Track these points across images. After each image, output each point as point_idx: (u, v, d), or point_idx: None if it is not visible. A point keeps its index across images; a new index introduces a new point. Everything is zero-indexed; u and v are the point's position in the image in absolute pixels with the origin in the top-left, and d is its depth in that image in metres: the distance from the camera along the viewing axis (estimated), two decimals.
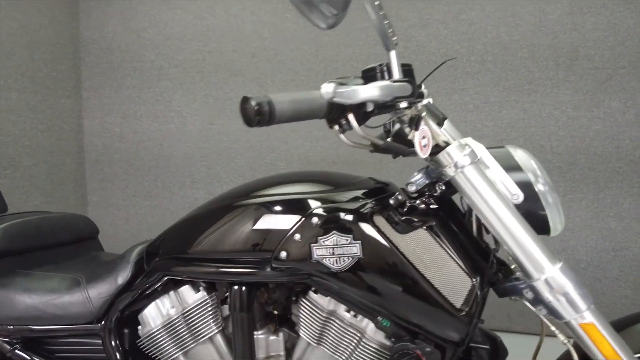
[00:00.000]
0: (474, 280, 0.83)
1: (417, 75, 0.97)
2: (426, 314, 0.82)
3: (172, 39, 2.71)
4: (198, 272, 0.94)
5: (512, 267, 0.88)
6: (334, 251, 0.84)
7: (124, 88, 2.80)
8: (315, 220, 0.87)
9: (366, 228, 0.85)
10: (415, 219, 0.87)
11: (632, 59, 2.21)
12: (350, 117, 0.79)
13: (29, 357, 1.06)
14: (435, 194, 0.88)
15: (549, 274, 0.77)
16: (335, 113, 0.81)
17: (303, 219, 0.87)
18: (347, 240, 0.84)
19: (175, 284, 0.99)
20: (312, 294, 0.91)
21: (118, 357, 1.02)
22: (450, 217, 0.90)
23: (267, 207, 0.92)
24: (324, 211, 0.88)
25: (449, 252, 0.84)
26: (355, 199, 0.92)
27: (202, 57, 2.68)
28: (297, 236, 0.86)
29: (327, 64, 2.53)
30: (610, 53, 2.22)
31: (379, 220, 0.87)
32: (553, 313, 0.78)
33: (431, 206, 0.88)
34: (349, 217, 0.87)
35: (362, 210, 0.88)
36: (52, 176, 2.64)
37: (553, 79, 2.27)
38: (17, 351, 1.07)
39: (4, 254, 1.09)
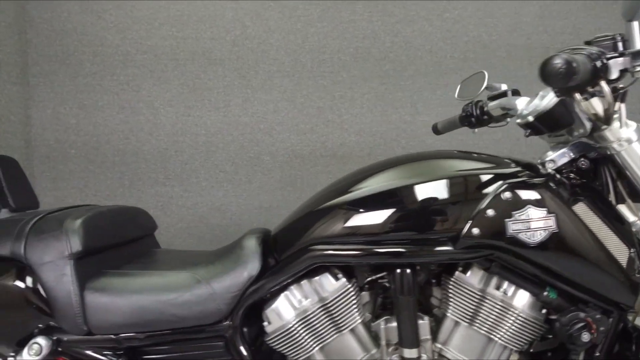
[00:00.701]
0: (631, 250, 0.88)
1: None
2: (603, 280, 0.86)
3: (140, 23, 2.49)
4: (359, 256, 0.88)
5: None
6: (530, 225, 0.84)
7: (82, 75, 2.51)
8: (507, 195, 0.86)
9: (557, 201, 0.86)
10: (579, 192, 0.90)
11: None
12: (603, 84, 0.80)
13: None
14: (582, 169, 0.91)
15: None
16: (587, 80, 0.80)
17: (495, 194, 0.86)
18: (542, 213, 0.84)
19: (307, 274, 0.92)
20: (459, 274, 0.90)
21: (246, 356, 0.92)
22: (596, 191, 0.94)
23: (452, 185, 0.89)
24: (514, 186, 0.87)
25: (606, 223, 0.88)
26: (529, 174, 0.92)
27: (175, 44, 2.49)
28: (490, 212, 0.85)
29: (314, 56, 2.49)
30: None
31: (563, 192, 0.88)
32: None
33: (580, 181, 0.91)
34: (541, 191, 0.87)
35: (549, 183, 0.89)
36: None
37: (527, 76, 2.46)
38: None
39: (87, 253, 0.91)
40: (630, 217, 0.92)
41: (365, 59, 2.49)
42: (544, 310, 0.90)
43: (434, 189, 0.89)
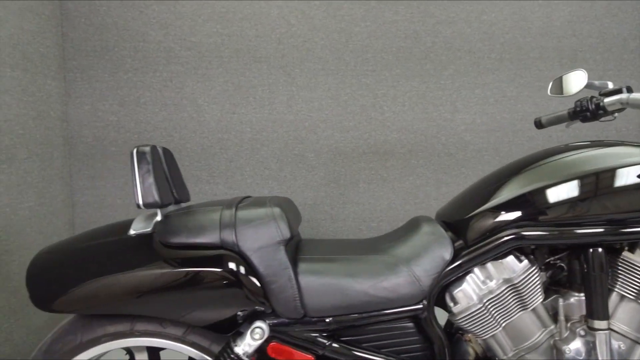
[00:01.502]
0: None
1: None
2: None
3: (184, 19, 2.46)
4: (565, 237, 0.93)
5: None
6: None
7: (122, 71, 2.45)
8: None
9: None
10: None
11: (617, 63, 2.66)
12: None
13: (346, 351, 0.92)
14: None
15: None
16: None
17: None
18: None
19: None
20: (627, 253, 0.98)
21: (441, 335, 0.95)
22: None
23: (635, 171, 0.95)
24: None
25: None
26: None
27: (220, 41, 2.48)
28: None
29: (357, 54, 2.54)
30: (600, 57, 2.64)
31: None
32: None
33: None
34: None
35: None
36: (42, 172, 2.19)
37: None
38: (334, 344, 0.92)
39: (290, 239, 0.91)
40: None
41: (407, 59, 2.56)
42: None
43: (625, 175, 0.96)
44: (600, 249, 0.95)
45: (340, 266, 0.95)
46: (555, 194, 0.96)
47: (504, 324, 0.98)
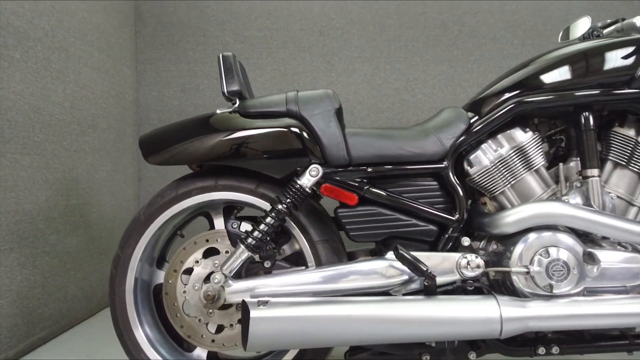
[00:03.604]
0: None
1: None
2: None
3: (238, 16, 2.83)
4: (557, 99, 1.14)
5: None
6: None
7: (184, 62, 2.82)
8: None
9: None
10: None
11: None
12: None
13: (384, 194, 1.17)
14: None
15: None
16: None
17: None
18: None
19: (500, 129, 1.18)
20: (618, 127, 1.18)
21: (459, 189, 1.16)
22: None
23: (626, 42, 1.17)
24: None
25: None
26: None
27: (269, 35, 2.82)
28: None
29: (390, 44, 2.83)
30: None
31: None
32: None
33: None
34: None
35: None
36: (117, 144, 2.54)
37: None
38: (371, 189, 1.17)
39: (339, 109, 1.19)
40: None
41: (436, 46, 2.83)
42: None
43: (612, 46, 1.18)
44: (589, 113, 1.15)
45: (380, 131, 1.19)
46: (553, 68, 1.17)
47: (513, 182, 1.18)
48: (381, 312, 1.01)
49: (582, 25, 1.58)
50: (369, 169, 1.16)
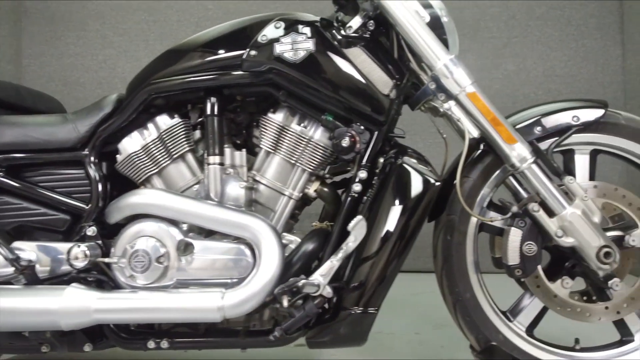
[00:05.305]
0: (394, 79, 1.08)
1: None
2: (360, 95, 1.08)
3: (117, 10, 2.85)
4: (178, 84, 1.10)
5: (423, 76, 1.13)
6: (293, 47, 1.06)
7: (66, 56, 2.88)
8: (279, 24, 1.08)
9: (319, 32, 1.08)
10: (351, 39, 1.11)
11: (522, 30, 2.68)
12: None
13: (13, 183, 1.15)
14: (369, 28, 1.11)
15: (444, 61, 1.04)
16: None
17: (269, 26, 1.09)
18: (303, 37, 1.06)
19: (152, 115, 1.15)
20: (269, 114, 1.12)
21: (98, 180, 1.14)
22: (378, 42, 1.14)
23: (240, 25, 1.13)
24: (286, 20, 1.10)
25: (374, 61, 1.08)
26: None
27: (147, 27, 2.84)
28: (263, 38, 1.08)
29: None
30: (504, 25, 2.68)
31: (328, 32, 1.10)
32: (446, 92, 1.06)
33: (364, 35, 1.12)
34: (308, 23, 1.09)
35: (315, 22, 1.11)
36: None
37: (460, 46, 2.67)
38: (1, 178, 1.15)
39: None
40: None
41: None
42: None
43: (227, 28, 1.13)
44: (216, 98, 1.09)
45: (17, 119, 1.18)
46: (182, 53, 1.14)
47: (155, 170, 1.12)
48: None
49: None
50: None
